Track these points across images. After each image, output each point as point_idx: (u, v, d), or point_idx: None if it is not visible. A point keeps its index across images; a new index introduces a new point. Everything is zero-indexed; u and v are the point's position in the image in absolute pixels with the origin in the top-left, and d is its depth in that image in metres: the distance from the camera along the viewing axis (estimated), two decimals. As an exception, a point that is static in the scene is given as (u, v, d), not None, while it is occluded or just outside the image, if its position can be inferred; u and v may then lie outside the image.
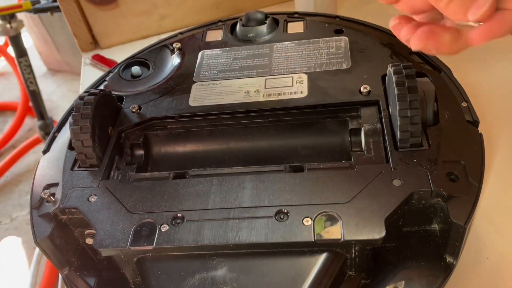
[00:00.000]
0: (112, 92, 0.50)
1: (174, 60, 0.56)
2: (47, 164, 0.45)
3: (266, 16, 0.57)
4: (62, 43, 1.88)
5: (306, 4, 0.69)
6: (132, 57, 0.58)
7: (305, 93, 0.46)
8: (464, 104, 0.43)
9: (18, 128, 1.74)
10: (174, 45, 0.57)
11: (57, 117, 1.71)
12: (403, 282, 0.37)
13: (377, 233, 0.34)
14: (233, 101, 0.47)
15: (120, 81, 0.54)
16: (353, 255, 0.36)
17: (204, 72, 0.52)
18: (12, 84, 2.03)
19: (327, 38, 0.53)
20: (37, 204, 0.42)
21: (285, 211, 0.36)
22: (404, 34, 0.36)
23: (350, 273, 0.37)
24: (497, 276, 0.40)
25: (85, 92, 0.45)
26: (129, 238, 0.37)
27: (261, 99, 0.47)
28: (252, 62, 0.52)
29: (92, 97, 0.44)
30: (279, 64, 0.51)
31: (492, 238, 0.43)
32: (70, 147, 0.46)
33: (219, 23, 0.60)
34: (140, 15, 0.73)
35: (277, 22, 0.57)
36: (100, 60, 0.74)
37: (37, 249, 0.88)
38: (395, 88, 0.39)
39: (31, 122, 1.79)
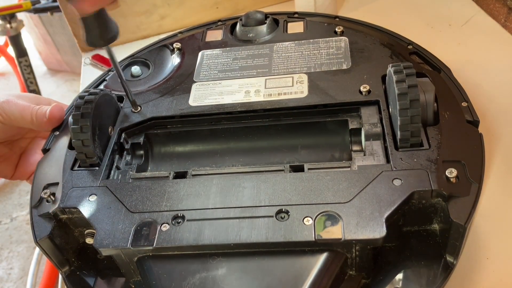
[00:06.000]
0: (112, 92, 0.50)
1: (174, 60, 0.56)
2: (47, 164, 0.45)
3: (266, 16, 0.57)
4: (62, 43, 1.87)
5: (306, 4, 0.69)
6: (132, 56, 0.58)
7: (305, 93, 0.46)
8: (464, 104, 0.43)
9: (18, 128, 1.73)
10: (174, 45, 0.57)
11: (57, 117, 1.70)
12: (403, 281, 0.37)
13: (378, 232, 0.34)
14: (233, 101, 0.47)
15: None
16: (354, 254, 0.36)
17: (204, 72, 0.52)
18: (12, 84, 2.03)
19: (327, 38, 0.53)
20: (37, 204, 0.42)
21: (286, 210, 0.36)
22: None
23: (351, 272, 0.37)
24: (497, 276, 0.40)
25: (85, 91, 0.45)
26: (130, 238, 0.37)
27: (261, 99, 0.47)
28: (252, 62, 0.52)
29: (92, 97, 0.44)
30: (279, 64, 0.51)
31: (492, 238, 0.43)
32: (70, 146, 0.46)
33: (219, 23, 0.60)
34: (140, 15, 0.73)
35: (277, 22, 0.57)
36: (100, 60, 0.74)
37: (37, 249, 0.88)
38: (396, 88, 0.39)
39: (31, 122, 1.78)
